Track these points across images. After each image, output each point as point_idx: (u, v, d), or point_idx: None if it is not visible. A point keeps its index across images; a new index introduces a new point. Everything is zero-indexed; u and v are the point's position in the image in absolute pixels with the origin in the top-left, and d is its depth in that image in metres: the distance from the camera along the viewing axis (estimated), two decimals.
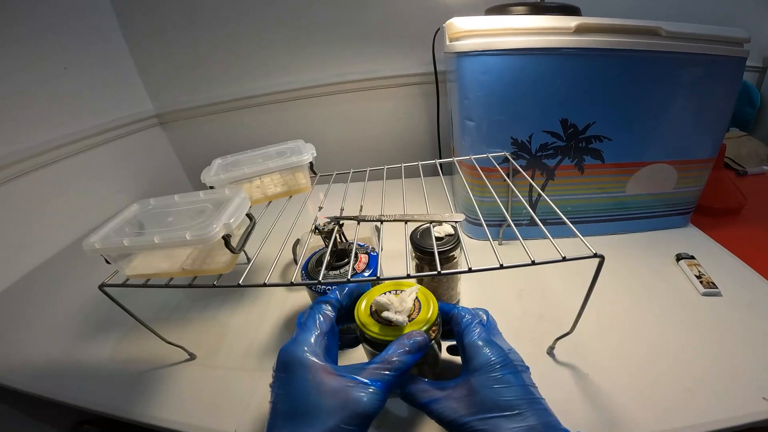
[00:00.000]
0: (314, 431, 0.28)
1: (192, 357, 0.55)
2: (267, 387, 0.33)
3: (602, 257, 0.36)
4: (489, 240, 0.38)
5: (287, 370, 0.32)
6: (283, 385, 0.32)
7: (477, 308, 0.40)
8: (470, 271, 0.36)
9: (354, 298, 0.41)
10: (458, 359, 0.38)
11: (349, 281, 0.37)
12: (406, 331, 0.36)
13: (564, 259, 0.36)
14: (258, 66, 1.13)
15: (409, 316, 0.38)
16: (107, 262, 0.42)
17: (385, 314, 0.36)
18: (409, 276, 0.37)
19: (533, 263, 0.36)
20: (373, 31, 1.04)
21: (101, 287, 0.42)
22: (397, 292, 0.41)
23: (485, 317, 0.39)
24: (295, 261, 0.70)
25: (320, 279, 0.38)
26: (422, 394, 0.34)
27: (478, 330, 0.36)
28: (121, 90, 1.13)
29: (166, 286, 0.42)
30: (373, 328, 0.37)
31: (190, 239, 0.37)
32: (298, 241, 0.68)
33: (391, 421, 0.44)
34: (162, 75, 1.18)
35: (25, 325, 0.68)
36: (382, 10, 1.01)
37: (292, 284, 0.39)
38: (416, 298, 0.40)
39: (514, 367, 0.33)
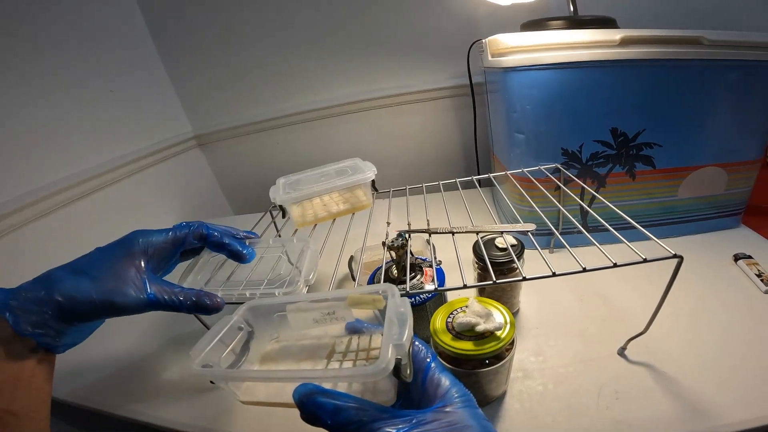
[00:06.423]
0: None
1: None
2: None
3: (681, 257, 0.38)
4: (539, 249, 0.39)
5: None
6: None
7: None
8: (554, 275, 0.38)
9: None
10: None
11: (437, 290, 0.40)
12: (504, 335, 0.39)
13: (645, 261, 0.38)
14: (289, 85, 1.16)
15: None
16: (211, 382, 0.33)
17: (479, 328, 0.38)
18: (495, 283, 0.39)
19: (615, 265, 0.37)
20: (404, 46, 1.07)
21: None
22: (463, 309, 0.43)
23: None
24: (353, 277, 0.72)
25: (408, 290, 0.40)
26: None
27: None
28: (160, 112, 1.15)
29: None
30: (466, 346, 0.39)
31: (349, 375, 0.27)
32: (352, 258, 0.70)
33: None
34: (198, 96, 1.21)
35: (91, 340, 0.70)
36: (412, 26, 1.04)
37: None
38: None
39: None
